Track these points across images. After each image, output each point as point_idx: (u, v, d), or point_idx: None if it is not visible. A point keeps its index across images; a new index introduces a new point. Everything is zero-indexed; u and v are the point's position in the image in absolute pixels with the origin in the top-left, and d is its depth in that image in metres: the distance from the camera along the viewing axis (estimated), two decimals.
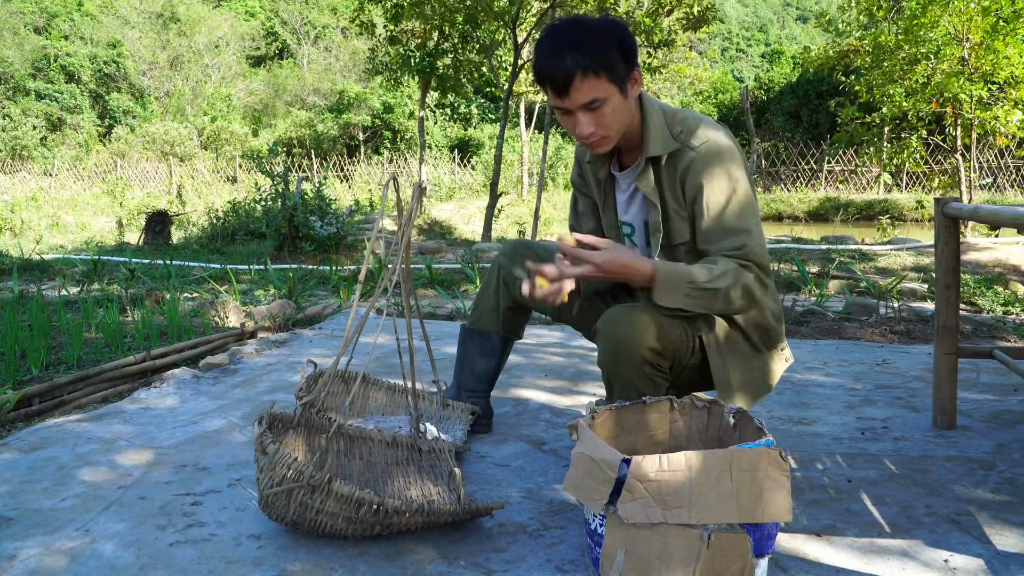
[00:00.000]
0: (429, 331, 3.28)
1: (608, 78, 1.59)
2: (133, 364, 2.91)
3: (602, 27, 1.60)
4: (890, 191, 17.61)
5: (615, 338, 1.63)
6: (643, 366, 1.63)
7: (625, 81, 1.62)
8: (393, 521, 1.51)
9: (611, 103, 1.61)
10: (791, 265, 6.01)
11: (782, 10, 62.04)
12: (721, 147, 1.67)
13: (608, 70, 1.58)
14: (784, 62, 26.33)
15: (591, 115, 1.62)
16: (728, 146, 1.69)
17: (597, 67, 1.57)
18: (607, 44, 1.58)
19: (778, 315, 1.83)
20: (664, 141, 1.68)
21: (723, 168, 1.66)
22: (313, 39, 35.82)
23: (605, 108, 1.61)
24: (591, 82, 1.58)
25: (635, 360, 1.62)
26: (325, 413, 2.01)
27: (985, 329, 3.74)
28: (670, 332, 1.66)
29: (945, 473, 1.94)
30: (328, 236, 7.24)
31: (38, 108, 26.35)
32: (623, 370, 1.64)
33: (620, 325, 1.63)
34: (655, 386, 1.67)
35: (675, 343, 1.67)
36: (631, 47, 1.62)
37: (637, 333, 1.61)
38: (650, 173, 1.72)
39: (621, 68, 1.60)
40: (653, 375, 1.66)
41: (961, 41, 7.90)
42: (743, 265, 1.64)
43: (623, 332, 1.62)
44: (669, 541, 1.27)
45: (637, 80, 1.66)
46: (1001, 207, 1.87)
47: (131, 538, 1.60)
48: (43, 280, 5.72)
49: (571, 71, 1.56)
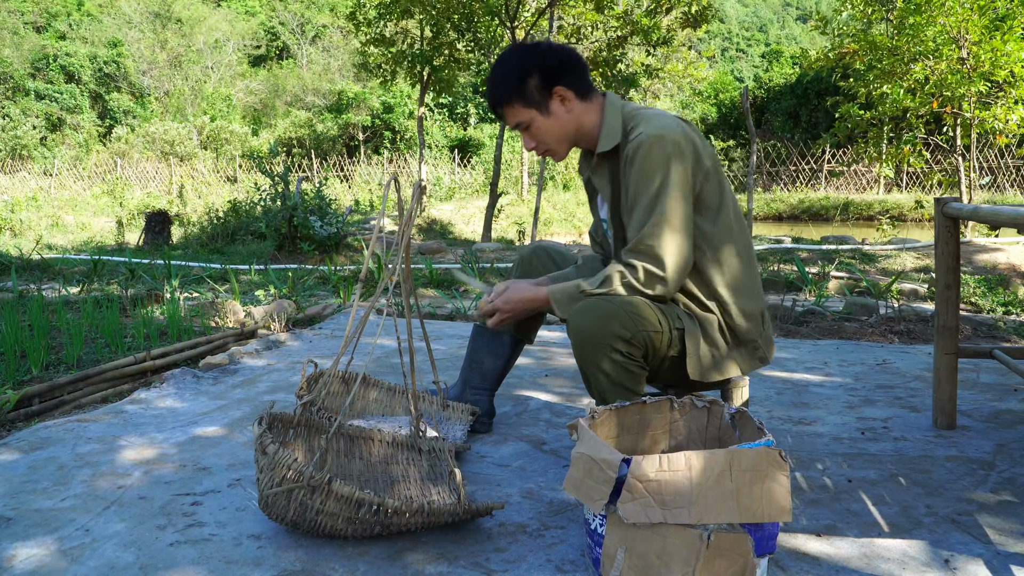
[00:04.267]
0: (429, 331, 3.28)
1: (522, 105, 1.82)
2: (133, 364, 2.91)
3: (510, 61, 1.82)
4: (890, 191, 17.61)
5: (581, 329, 1.68)
6: (612, 354, 1.67)
7: (544, 102, 1.82)
8: (393, 521, 1.51)
9: (535, 123, 1.83)
10: (791, 265, 6.01)
11: (782, 10, 62.03)
12: (656, 138, 1.71)
13: (520, 98, 1.81)
14: (784, 62, 26.35)
15: (526, 134, 1.87)
16: (668, 138, 1.71)
17: (510, 98, 1.82)
18: (514, 77, 1.80)
19: (751, 314, 1.82)
20: (611, 137, 1.81)
21: (652, 159, 1.71)
22: (312, 39, 35.82)
23: (532, 128, 1.84)
24: (510, 110, 1.84)
25: (603, 349, 1.66)
26: (325, 413, 2.01)
27: (985, 329, 3.74)
28: (641, 322, 1.68)
29: (945, 473, 1.94)
30: (328, 236, 7.24)
31: (38, 108, 26.35)
32: (592, 359, 1.69)
33: (586, 316, 1.68)
34: (630, 375, 1.70)
35: (647, 333, 1.69)
36: (544, 71, 1.80)
37: (603, 322, 1.66)
38: (605, 170, 1.85)
39: (535, 93, 1.81)
40: (625, 364, 1.69)
41: (959, 40, 7.90)
42: (629, 265, 1.74)
43: (589, 323, 1.67)
44: (669, 541, 1.27)
45: (562, 95, 1.81)
46: (1001, 207, 1.87)
47: (131, 538, 1.60)
48: (43, 280, 5.72)
49: (493, 103, 1.87)
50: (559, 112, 1.82)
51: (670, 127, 1.73)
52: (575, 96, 1.82)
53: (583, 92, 1.84)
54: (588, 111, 1.84)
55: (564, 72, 1.81)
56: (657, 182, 1.70)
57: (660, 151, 1.70)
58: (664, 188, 1.70)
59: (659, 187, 1.71)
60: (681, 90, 22.41)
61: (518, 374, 2.95)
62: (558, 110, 1.82)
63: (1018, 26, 7.51)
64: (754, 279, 1.85)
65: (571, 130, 1.85)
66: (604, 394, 1.71)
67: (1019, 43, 7.46)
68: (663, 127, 1.72)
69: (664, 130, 1.72)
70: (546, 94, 1.81)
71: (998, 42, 7.47)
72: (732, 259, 1.81)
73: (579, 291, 1.77)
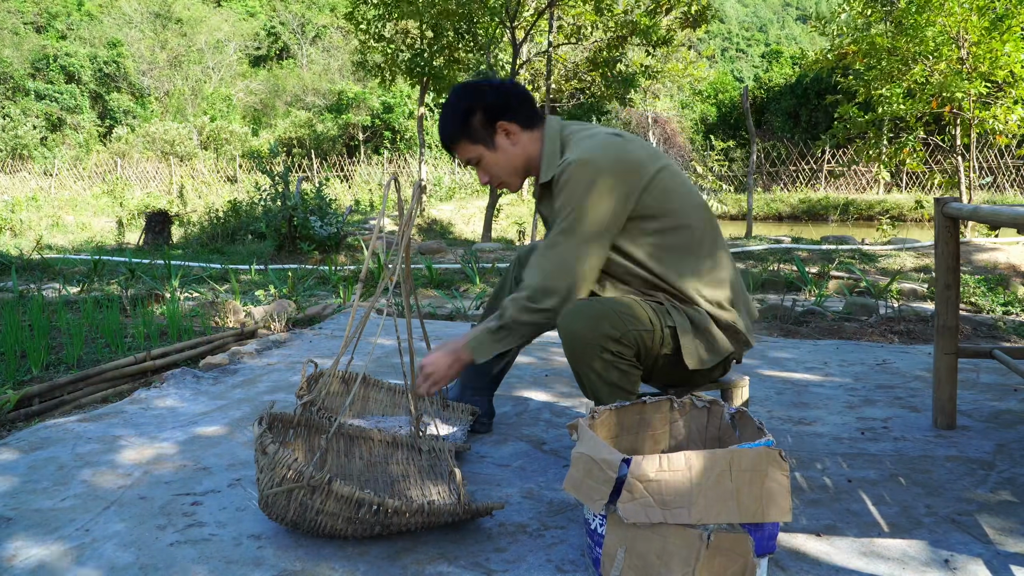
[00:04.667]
0: (429, 331, 3.28)
1: (469, 142, 1.88)
2: (133, 364, 2.91)
3: (454, 101, 1.88)
4: (890, 191, 17.60)
5: (572, 330, 1.71)
6: (603, 354, 1.69)
7: (489, 138, 1.88)
8: (393, 521, 1.51)
9: (484, 159, 1.90)
10: (791, 265, 6.01)
11: (782, 10, 62.04)
12: (578, 164, 1.74)
13: (466, 136, 1.87)
14: (783, 62, 26.35)
15: (479, 169, 1.93)
16: (589, 163, 1.73)
17: (456, 137, 1.88)
18: (457, 118, 1.87)
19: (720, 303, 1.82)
20: (550, 166, 1.86)
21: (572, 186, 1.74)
22: (312, 39, 35.83)
23: (483, 163, 1.90)
24: (459, 148, 1.90)
25: (593, 349, 1.69)
26: (325, 413, 2.01)
27: (985, 329, 3.74)
28: (631, 321, 1.70)
29: (945, 473, 1.95)
30: (328, 236, 7.24)
31: (38, 108, 26.34)
32: (584, 360, 1.71)
33: (575, 318, 1.71)
34: (622, 374, 1.72)
35: (638, 332, 1.71)
36: (487, 108, 1.86)
37: (593, 323, 1.68)
38: (549, 198, 1.89)
39: (479, 130, 1.87)
40: (616, 363, 1.70)
41: (958, 41, 7.90)
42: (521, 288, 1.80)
43: (579, 324, 1.70)
44: (669, 541, 1.27)
45: (508, 130, 1.87)
46: (1001, 207, 1.87)
47: (131, 538, 1.60)
48: (43, 280, 5.72)
49: (444, 143, 1.92)
50: (505, 146, 1.88)
51: (594, 150, 1.76)
52: (520, 128, 1.87)
53: (528, 123, 1.88)
54: (533, 141, 1.89)
55: (507, 107, 1.86)
56: (572, 207, 1.74)
57: (581, 177, 1.73)
58: (574, 210, 1.74)
59: (570, 208, 1.74)
60: (681, 90, 22.39)
61: (518, 374, 2.95)
62: (504, 144, 1.88)
63: (1017, 26, 7.50)
64: (722, 271, 1.85)
65: (519, 162, 1.90)
66: (598, 394, 1.72)
67: (1018, 43, 7.46)
68: (587, 151, 1.75)
69: (587, 154, 1.75)
70: (490, 129, 1.87)
71: (997, 42, 7.46)
72: (697, 256, 1.82)
73: (487, 334, 1.82)
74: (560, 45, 12.16)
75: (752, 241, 8.46)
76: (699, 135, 22.38)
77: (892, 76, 8.33)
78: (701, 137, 22.12)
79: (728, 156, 20.36)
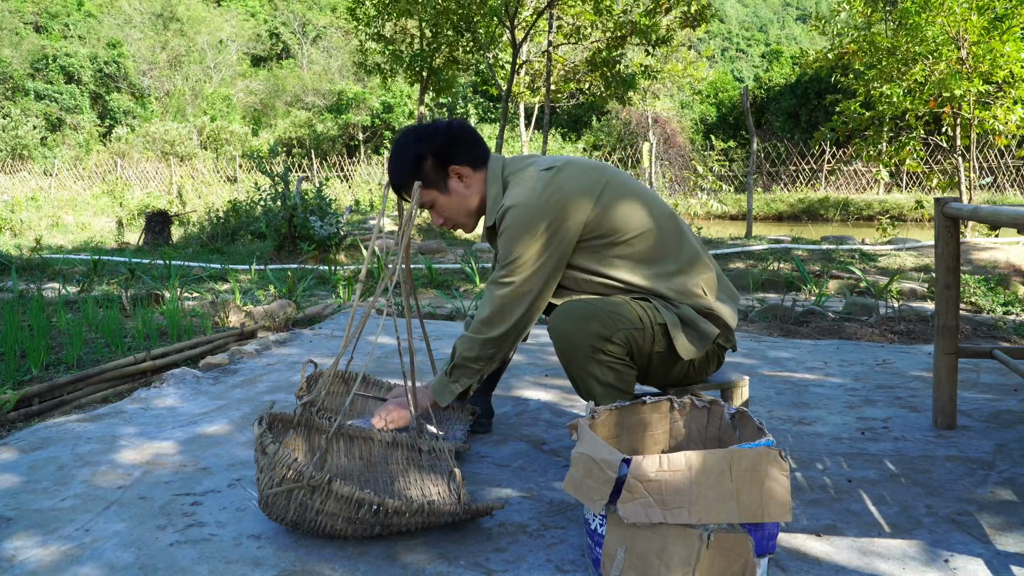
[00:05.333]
0: (429, 331, 3.28)
1: (422, 187, 1.86)
2: (133, 364, 2.91)
3: (407, 143, 1.87)
4: (890, 191, 17.60)
5: (563, 332, 1.72)
6: (595, 355, 1.70)
7: (442, 182, 1.87)
8: (393, 521, 1.51)
9: (438, 202, 1.90)
10: (791, 265, 6.01)
11: (782, 10, 62.04)
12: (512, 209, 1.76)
13: (419, 180, 1.84)
14: (784, 62, 26.34)
15: (433, 212, 1.92)
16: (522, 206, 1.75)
17: (409, 181, 1.85)
18: (408, 163, 1.85)
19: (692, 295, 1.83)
20: (493, 210, 1.88)
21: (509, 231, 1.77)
22: (313, 39, 35.83)
23: (437, 207, 1.91)
24: (412, 192, 1.84)
25: (585, 351, 1.69)
26: (325, 413, 2.01)
27: (985, 329, 3.74)
28: (621, 320, 1.71)
29: (945, 473, 1.95)
30: (328, 236, 7.24)
31: (37, 108, 26.34)
32: (577, 361, 1.72)
33: (566, 319, 1.72)
34: (616, 374, 1.73)
35: (628, 331, 1.72)
36: (441, 151, 1.85)
37: (583, 324, 1.70)
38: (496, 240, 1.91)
39: (431, 175, 1.86)
40: (611, 363, 1.71)
41: (958, 41, 7.89)
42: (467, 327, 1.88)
43: (570, 325, 1.71)
44: (669, 541, 1.27)
45: (460, 173, 1.87)
46: (1001, 207, 1.87)
47: (131, 538, 1.60)
48: (43, 280, 5.72)
49: (395, 186, 1.91)
50: (458, 189, 1.89)
51: (528, 194, 1.77)
52: (471, 170, 1.88)
53: (477, 164, 1.89)
54: (483, 181, 1.91)
55: (456, 150, 1.86)
56: (508, 248, 1.78)
57: (515, 223, 1.76)
58: (511, 252, 1.77)
59: (509, 252, 1.77)
60: (681, 90, 22.40)
61: (518, 374, 2.95)
62: (457, 187, 1.89)
63: (1017, 26, 7.50)
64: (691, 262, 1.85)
65: (474, 205, 1.91)
66: (593, 395, 1.73)
67: (1018, 43, 7.45)
68: (520, 195, 1.77)
69: (520, 198, 1.77)
70: (442, 174, 1.87)
71: (997, 42, 7.46)
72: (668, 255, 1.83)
73: (445, 376, 1.88)
74: (559, 45, 12.16)
75: (752, 241, 8.46)
76: (699, 135, 22.38)
77: (892, 76, 8.32)
78: (701, 137, 22.12)
79: (728, 156, 20.35)
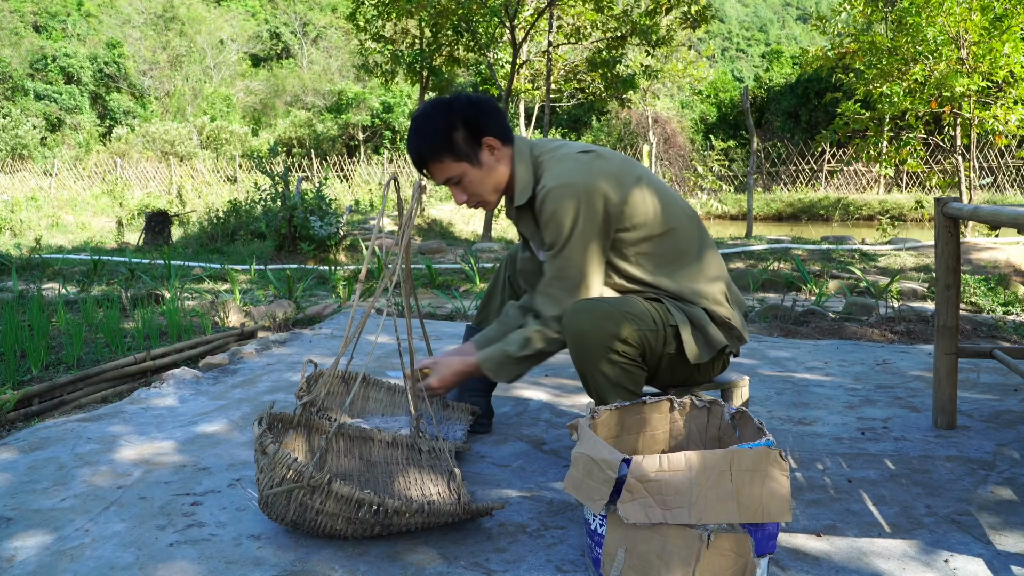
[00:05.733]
0: (429, 331, 3.28)
1: (452, 159, 1.79)
2: (133, 364, 2.91)
3: (436, 114, 1.78)
4: (890, 191, 17.60)
5: (580, 330, 1.69)
6: (610, 355, 1.68)
7: (474, 154, 1.81)
8: (393, 521, 1.51)
9: (467, 176, 1.82)
10: (791, 265, 6.01)
11: (782, 10, 62.03)
12: (557, 189, 1.73)
13: (450, 152, 1.78)
14: (784, 62, 26.34)
15: (457, 188, 1.85)
16: (567, 187, 1.73)
17: (438, 154, 1.78)
18: (442, 130, 1.77)
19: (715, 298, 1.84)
20: (525, 188, 1.83)
21: (555, 211, 1.74)
22: (313, 39, 35.83)
23: (464, 181, 1.83)
24: (439, 166, 1.80)
25: (600, 350, 1.68)
26: (325, 413, 2.01)
27: (985, 329, 3.74)
28: (637, 321, 1.70)
29: (945, 473, 1.94)
30: (328, 236, 7.24)
31: (37, 108, 26.33)
32: (590, 360, 1.70)
33: (582, 318, 1.70)
34: (628, 375, 1.72)
35: (643, 331, 1.71)
36: (473, 122, 1.79)
37: (600, 323, 1.68)
38: (528, 218, 1.89)
39: (464, 146, 1.79)
40: (624, 364, 1.70)
41: (958, 41, 7.89)
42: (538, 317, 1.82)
43: (587, 324, 1.69)
44: (669, 541, 1.27)
45: (492, 145, 1.82)
46: (1001, 207, 1.87)
47: (131, 538, 1.60)
48: (43, 280, 5.72)
49: (420, 159, 1.82)
50: (490, 162, 1.83)
51: (571, 173, 1.75)
52: (500, 144, 1.84)
53: (505, 138, 1.85)
54: (509, 158, 1.86)
55: (489, 121, 1.81)
56: (560, 231, 1.74)
57: (563, 204, 1.73)
58: (568, 236, 1.74)
59: (564, 236, 1.74)
60: (681, 90, 22.41)
61: None
62: (488, 160, 1.83)
63: (1017, 26, 7.50)
64: (712, 269, 1.86)
65: (502, 180, 1.86)
66: (603, 394, 1.72)
67: (1018, 43, 7.45)
68: (564, 175, 1.75)
69: (565, 178, 1.74)
70: (475, 145, 1.81)
71: (996, 42, 7.46)
72: (684, 257, 1.83)
73: (506, 356, 1.83)
74: (559, 45, 12.16)
75: (752, 241, 8.46)
76: (699, 135, 22.37)
77: (892, 76, 8.32)
78: (701, 137, 22.12)
79: (728, 156, 20.35)
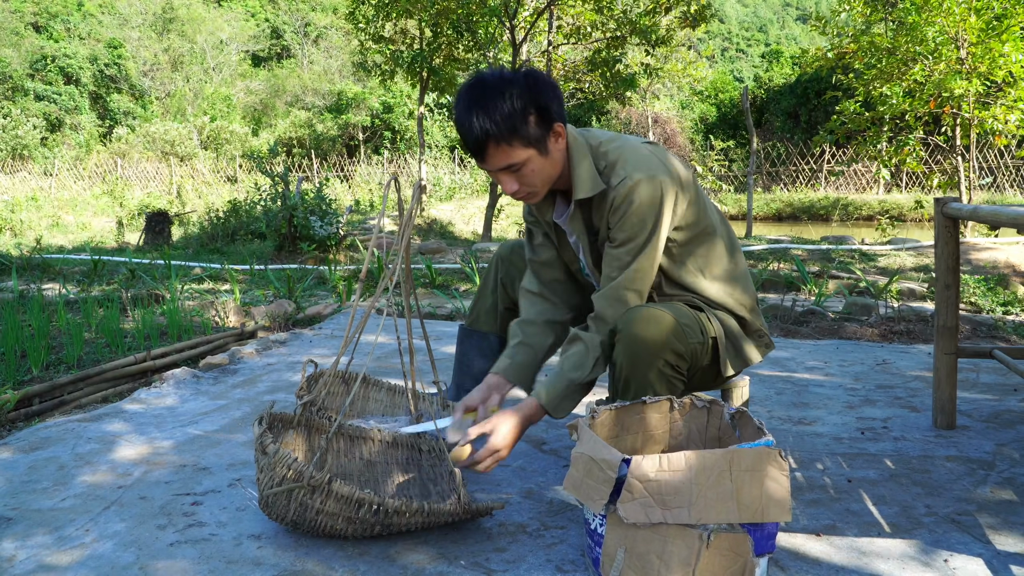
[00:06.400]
0: (429, 331, 3.28)
1: (521, 144, 1.57)
2: (133, 364, 2.91)
3: (507, 90, 1.56)
4: (890, 191, 17.60)
5: (640, 337, 1.57)
6: (664, 368, 1.60)
7: (542, 140, 1.60)
8: (393, 521, 1.51)
9: (530, 164, 1.61)
10: (791, 265, 6.01)
11: (782, 10, 62.04)
12: (643, 183, 1.62)
13: (519, 135, 1.56)
14: (784, 62, 26.33)
15: (513, 176, 1.62)
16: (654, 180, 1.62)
17: (508, 135, 1.55)
18: (515, 115, 1.55)
19: (750, 307, 1.83)
20: (591, 182, 1.66)
21: (640, 208, 1.62)
22: (314, 39, 35.84)
23: (524, 169, 1.61)
24: (504, 151, 1.57)
25: (656, 362, 1.59)
26: (325, 413, 2.01)
27: (985, 329, 3.74)
28: (690, 335, 1.64)
29: (945, 473, 1.95)
30: (328, 236, 7.24)
31: (37, 108, 26.33)
32: (641, 367, 1.59)
33: (644, 325, 1.58)
34: (672, 388, 1.64)
35: (694, 345, 1.65)
36: (545, 104, 1.59)
37: (662, 334, 1.57)
38: (579, 215, 1.73)
39: (535, 130, 1.58)
40: (673, 377, 1.63)
41: (957, 41, 7.89)
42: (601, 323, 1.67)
43: (651, 332, 1.57)
44: (669, 541, 1.27)
45: (559, 133, 1.64)
46: (1001, 207, 1.87)
47: (131, 538, 1.60)
48: (43, 280, 5.72)
49: (482, 140, 1.55)
50: (554, 152, 1.65)
51: (651, 166, 1.64)
52: (564, 132, 1.67)
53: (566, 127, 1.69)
54: (565, 148, 1.69)
55: (558, 106, 1.63)
56: (644, 227, 1.64)
57: (648, 197, 1.62)
58: (650, 233, 1.64)
59: (647, 232, 1.64)
60: (681, 90, 22.40)
61: None
62: (554, 149, 1.65)
63: (1016, 26, 7.50)
64: (744, 272, 1.85)
65: (561, 170, 1.69)
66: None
67: (1017, 43, 7.45)
68: (644, 168, 1.63)
69: (647, 172, 1.62)
70: (545, 131, 1.61)
71: (996, 43, 7.46)
72: (723, 260, 1.80)
73: (569, 388, 1.66)
74: (559, 45, 12.16)
75: (752, 241, 8.46)
76: (699, 135, 22.38)
77: (892, 76, 8.32)
78: (701, 137, 22.12)
79: (728, 156, 20.35)
